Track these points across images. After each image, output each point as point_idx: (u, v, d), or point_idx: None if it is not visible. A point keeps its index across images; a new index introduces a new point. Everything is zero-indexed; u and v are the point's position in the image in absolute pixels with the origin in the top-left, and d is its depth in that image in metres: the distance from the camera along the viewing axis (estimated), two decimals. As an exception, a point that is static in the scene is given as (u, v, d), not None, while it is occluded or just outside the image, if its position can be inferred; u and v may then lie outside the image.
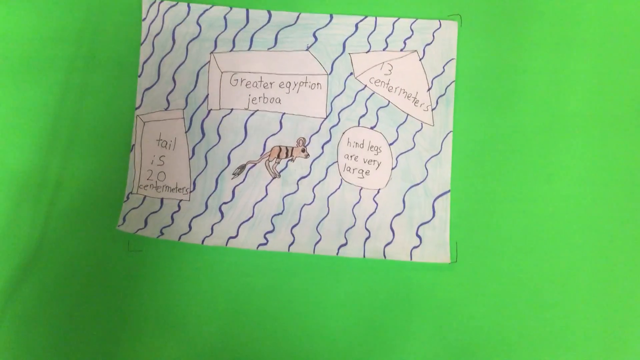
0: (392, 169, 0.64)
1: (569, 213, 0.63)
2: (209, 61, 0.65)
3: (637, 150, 0.64)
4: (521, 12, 0.65)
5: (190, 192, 0.64)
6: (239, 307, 0.63)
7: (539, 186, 0.63)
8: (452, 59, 0.65)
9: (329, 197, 0.64)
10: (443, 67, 0.65)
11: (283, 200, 0.64)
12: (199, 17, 0.65)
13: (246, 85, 0.65)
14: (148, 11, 0.65)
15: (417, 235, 0.63)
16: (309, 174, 0.64)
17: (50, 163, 0.64)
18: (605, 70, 0.65)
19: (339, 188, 0.64)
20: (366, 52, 0.65)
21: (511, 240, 0.63)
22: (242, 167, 0.64)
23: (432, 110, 0.64)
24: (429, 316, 0.62)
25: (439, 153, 0.64)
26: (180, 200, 0.64)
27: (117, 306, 0.63)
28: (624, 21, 0.65)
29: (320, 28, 0.65)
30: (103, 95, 0.65)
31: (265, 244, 0.62)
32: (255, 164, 0.64)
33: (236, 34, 0.65)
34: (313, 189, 0.64)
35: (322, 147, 0.64)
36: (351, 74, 0.65)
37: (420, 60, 0.65)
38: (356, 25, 0.65)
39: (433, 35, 0.65)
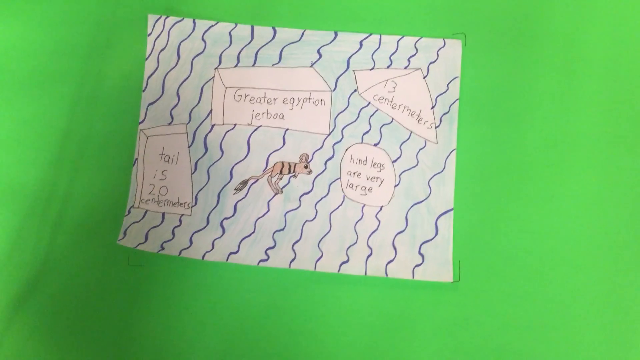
0: (395, 186, 0.64)
1: (572, 232, 0.62)
2: (214, 76, 0.65)
3: (642, 170, 0.63)
4: (524, 32, 0.65)
5: (192, 206, 0.64)
6: (239, 323, 0.62)
7: (542, 205, 0.63)
8: (456, 77, 0.65)
9: (331, 213, 0.63)
10: (447, 85, 0.65)
11: (285, 216, 0.63)
12: (204, 33, 0.66)
13: (250, 100, 0.65)
14: (154, 26, 0.66)
15: (420, 254, 0.62)
16: (311, 190, 0.64)
17: (56, 177, 0.64)
18: (609, 89, 0.64)
19: (341, 205, 0.64)
20: (370, 70, 0.65)
21: (515, 259, 0.62)
22: (244, 183, 0.64)
23: (436, 128, 0.64)
24: (431, 335, 0.61)
25: (442, 171, 0.63)
26: (182, 215, 0.63)
27: (117, 321, 0.62)
28: (629, 42, 0.65)
29: (325, 45, 0.66)
30: (108, 109, 0.66)
31: (266, 259, 0.62)
32: (258, 179, 0.64)
33: (241, 50, 0.66)
34: (315, 206, 0.64)
35: (325, 164, 0.64)
36: (355, 90, 0.65)
37: (424, 78, 0.65)
38: (360, 43, 0.66)
39: (437, 54, 0.65)
